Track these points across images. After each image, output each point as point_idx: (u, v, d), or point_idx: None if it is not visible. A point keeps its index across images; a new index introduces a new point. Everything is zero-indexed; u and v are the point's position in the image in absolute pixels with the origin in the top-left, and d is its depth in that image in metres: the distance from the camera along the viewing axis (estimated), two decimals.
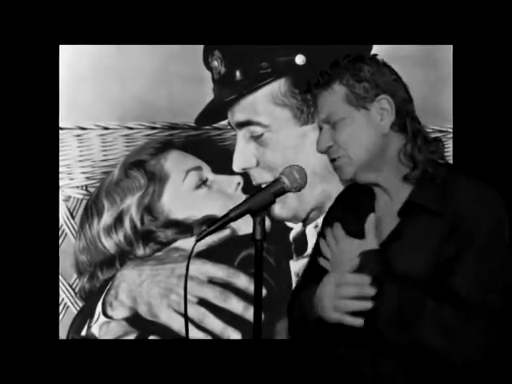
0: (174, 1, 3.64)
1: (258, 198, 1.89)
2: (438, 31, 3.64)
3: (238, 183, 3.69)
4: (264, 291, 3.41)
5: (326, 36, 3.63)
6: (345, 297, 1.89)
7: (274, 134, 3.64)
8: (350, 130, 1.96)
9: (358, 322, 1.89)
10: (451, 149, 3.63)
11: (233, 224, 1.92)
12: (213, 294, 3.63)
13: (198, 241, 1.86)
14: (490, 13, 3.62)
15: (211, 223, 1.87)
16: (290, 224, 3.70)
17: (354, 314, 1.89)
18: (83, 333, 3.68)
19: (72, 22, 3.62)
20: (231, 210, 1.87)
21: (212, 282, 3.64)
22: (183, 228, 3.68)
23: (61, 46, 3.66)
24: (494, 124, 3.62)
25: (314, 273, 2.05)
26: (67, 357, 3.65)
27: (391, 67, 2.01)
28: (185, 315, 1.88)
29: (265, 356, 1.86)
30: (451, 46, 3.66)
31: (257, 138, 3.65)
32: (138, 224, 3.69)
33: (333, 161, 2.00)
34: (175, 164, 3.72)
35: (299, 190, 1.94)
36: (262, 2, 3.63)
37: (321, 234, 2.12)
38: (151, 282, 3.65)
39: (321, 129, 2.02)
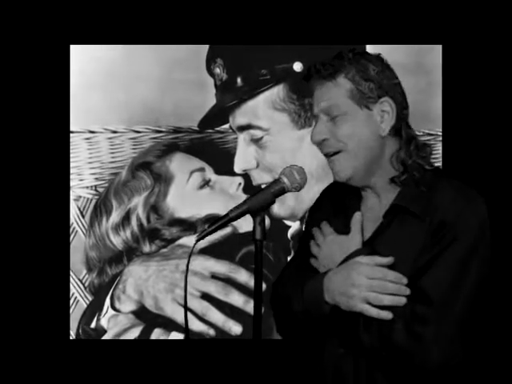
0: (177, 2, 3.61)
1: (258, 198, 1.83)
2: (427, 31, 3.56)
3: (239, 184, 3.68)
4: (264, 286, 3.38)
5: (317, 36, 3.56)
6: (379, 291, 1.81)
7: (273, 137, 3.63)
8: (351, 127, 1.87)
9: (388, 315, 1.80)
10: (440, 151, 3.60)
11: (234, 222, 1.87)
12: (215, 289, 3.61)
13: (198, 240, 1.80)
14: (480, 13, 3.55)
15: (211, 223, 1.81)
16: (288, 222, 3.68)
17: (381, 307, 1.81)
18: (92, 325, 3.67)
19: (82, 22, 3.58)
20: (231, 210, 1.82)
21: (214, 277, 3.63)
22: (187, 226, 3.67)
23: (71, 46, 3.63)
24: (482, 127, 3.58)
25: (301, 269, 1.99)
26: (76, 356, 3.63)
27: (393, 70, 1.93)
28: (185, 316, 1.82)
29: (264, 356, 1.82)
30: (440, 46, 3.60)
31: (257, 141, 3.64)
32: (145, 222, 3.67)
33: (327, 155, 1.91)
34: (180, 165, 3.71)
35: (299, 190, 1.89)
36: (254, 3, 3.59)
37: (306, 236, 2.05)
38: (157, 277, 3.64)
39: (315, 117, 1.92)
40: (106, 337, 3.67)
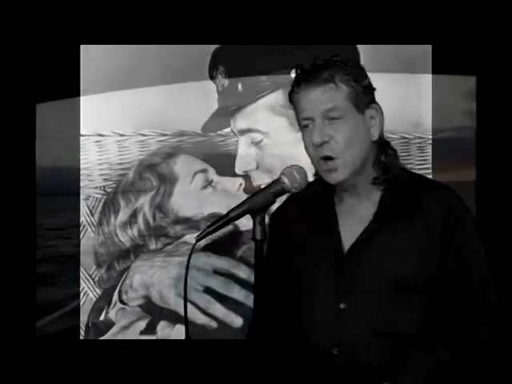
0: (179, 2, 3.61)
1: (258, 198, 1.75)
2: (418, 31, 3.49)
3: (240, 184, 3.69)
4: None
5: (310, 36, 3.51)
6: None
7: (272, 140, 3.64)
8: (351, 131, 1.81)
9: None
10: (430, 153, 3.60)
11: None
12: (217, 283, 3.63)
13: (198, 240, 1.70)
14: (471, 13, 3.48)
15: (211, 223, 1.72)
16: None
17: None
18: (101, 318, 3.68)
19: (92, 23, 3.57)
20: (231, 210, 1.73)
21: (216, 272, 3.65)
22: (191, 224, 3.68)
23: (82, 45, 3.64)
24: (471, 129, 3.56)
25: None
26: (84, 354, 3.63)
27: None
28: (185, 317, 1.77)
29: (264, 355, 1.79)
30: (430, 46, 3.57)
31: (257, 144, 3.65)
32: (151, 221, 3.69)
33: (326, 158, 1.83)
34: (184, 167, 3.73)
35: (299, 190, 1.81)
36: (246, 4, 3.58)
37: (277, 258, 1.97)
38: (162, 273, 3.65)
39: (307, 119, 1.84)
40: (114, 329, 3.69)
